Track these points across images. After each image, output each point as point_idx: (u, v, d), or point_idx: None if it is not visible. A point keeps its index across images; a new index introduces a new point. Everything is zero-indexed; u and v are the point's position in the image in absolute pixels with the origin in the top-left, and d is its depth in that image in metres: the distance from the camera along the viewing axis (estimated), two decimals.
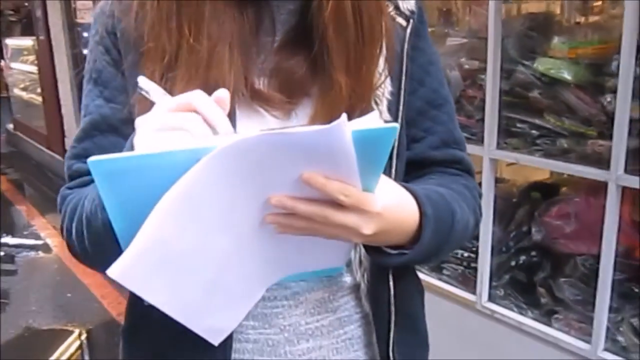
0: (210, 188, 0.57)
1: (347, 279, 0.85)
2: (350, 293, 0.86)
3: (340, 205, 0.62)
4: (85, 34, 5.61)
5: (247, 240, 0.65)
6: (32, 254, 4.34)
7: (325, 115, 0.75)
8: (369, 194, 0.63)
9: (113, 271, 0.57)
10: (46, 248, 4.44)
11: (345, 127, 0.54)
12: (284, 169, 0.58)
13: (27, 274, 4.03)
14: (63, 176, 0.85)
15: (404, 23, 0.82)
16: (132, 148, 0.65)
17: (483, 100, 2.20)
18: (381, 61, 0.79)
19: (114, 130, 0.80)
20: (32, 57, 6.81)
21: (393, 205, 0.68)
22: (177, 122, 0.61)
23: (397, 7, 0.82)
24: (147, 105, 0.66)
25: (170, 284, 0.64)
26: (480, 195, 0.89)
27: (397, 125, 0.60)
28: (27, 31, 7.65)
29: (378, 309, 0.85)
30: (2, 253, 4.33)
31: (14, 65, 7.52)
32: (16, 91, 7.58)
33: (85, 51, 5.56)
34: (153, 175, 0.56)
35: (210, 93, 0.65)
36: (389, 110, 0.81)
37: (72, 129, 5.79)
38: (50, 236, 4.62)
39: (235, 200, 0.60)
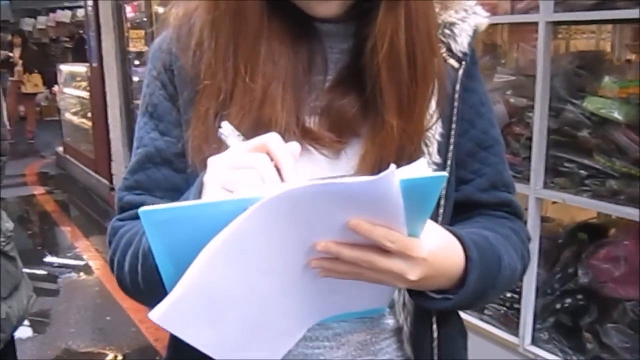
0: (255, 235, 0.59)
1: (390, 322, 0.84)
2: (392, 336, 0.84)
3: (386, 251, 0.62)
4: (136, 62, 5.76)
5: (290, 282, 0.66)
6: (74, 275, 4.42)
7: (375, 155, 0.75)
8: (414, 240, 0.63)
9: (154, 314, 0.58)
10: (88, 270, 4.52)
11: (394, 178, 0.55)
12: (330, 216, 0.59)
13: (68, 295, 4.10)
14: (106, 199, 0.87)
15: (456, 65, 0.82)
16: (201, 184, 0.67)
17: (529, 139, 2.17)
18: (432, 103, 0.79)
19: (168, 164, 0.82)
20: (84, 83, 7.02)
21: (439, 250, 0.68)
22: (249, 162, 0.63)
23: (449, 49, 0.82)
24: (202, 143, 0.70)
25: (211, 326, 0.64)
26: (529, 239, 0.88)
27: (445, 174, 0.61)
28: (80, 57, 7.91)
29: (420, 353, 0.83)
30: (46, 272, 4.42)
31: (66, 90, 7.76)
32: (67, 115, 7.82)
33: (135, 78, 5.72)
34: (201, 224, 0.58)
35: (262, 131, 0.66)
36: (439, 152, 0.80)
37: (119, 153, 5.93)
38: (93, 258, 4.70)
39: (279, 246, 0.61)
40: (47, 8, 11.80)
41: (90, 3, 6.18)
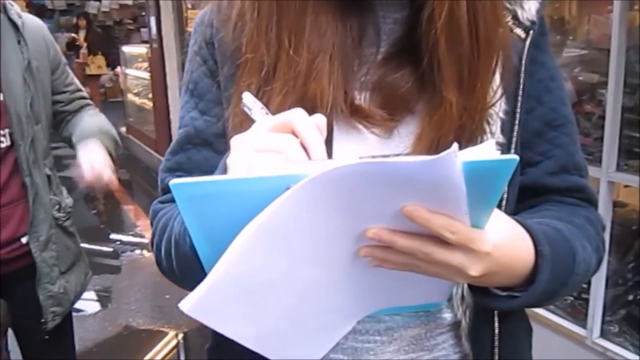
0: (298, 218, 0.54)
1: (447, 316, 0.78)
2: (449, 331, 0.79)
3: (445, 242, 0.56)
4: None
5: (338, 271, 0.62)
6: (136, 253, 4.52)
7: (432, 134, 0.70)
8: (478, 231, 0.57)
9: (185, 305, 0.53)
10: (149, 248, 4.60)
11: (456, 159, 0.49)
12: (382, 199, 0.54)
13: (130, 273, 4.20)
14: None
15: (522, 34, 0.75)
16: (225, 168, 0.63)
17: (602, 117, 2.07)
18: (496, 77, 0.72)
19: (207, 144, 0.79)
20: (145, 64, 7.14)
21: (505, 243, 0.61)
22: (273, 143, 0.58)
23: (515, 17, 0.75)
24: (243, 121, 0.64)
25: (249, 317, 0.60)
26: (603, 229, 0.80)
27: (516, 157, 0.53)
28: (142, 39, 8.04)
29: (479, 350, 0.78)
30: (110, 249, 4.54)
31: (128, 71, 7.92)
32: (130, 96, 7.99)
33: None
34: (238, 201, 0.53)
35: (307, 107, 0.62)
36: (502, 131, 0.74)
37: None
38: None
39: (325, 231, 0.57)
40: None
41: None
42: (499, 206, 0.71)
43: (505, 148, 0.74)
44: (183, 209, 0.56)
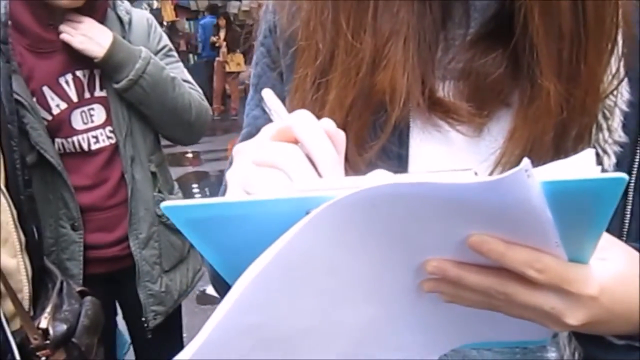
0: (327, 248, 0.43)
1: (552, 355, 0.63)
2: None
3: (528, 280, 0.44)
4: None
5: (399, 307, 0.52)
6: None
7: (527, 132, 0.56)
8: (577, 268, 0.44)
9: (183, 356, 0.40)
10: None
11: (529, 178, 0.38)
12: (438, 225, 0.43)
13: None
14: None
15: None
16: (226, 181, 0.55)
17: None
18: (613, 59, 0.57)
19: None
20: None
21: (619, 283, 0.46)
22: (272, 156, 0.49)
23: None
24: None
25: None
26: None
27: (624, 176, 0.39)
28: None
29: None
30: None
31: None
32: None
33: None
34: (243, 225, 0.46)
35: (374, 103, 0.56)
36: (624, 127, 0.58)
37: None
38: None
39: (369, 262, 0.46)
40: None
41: None
42: (620, 226, 0.57)
43: (628, 149, 0.58)
44: (184, 231, 0.48)
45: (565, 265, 0.44)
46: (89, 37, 1.48)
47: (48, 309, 1.29)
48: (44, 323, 1.25)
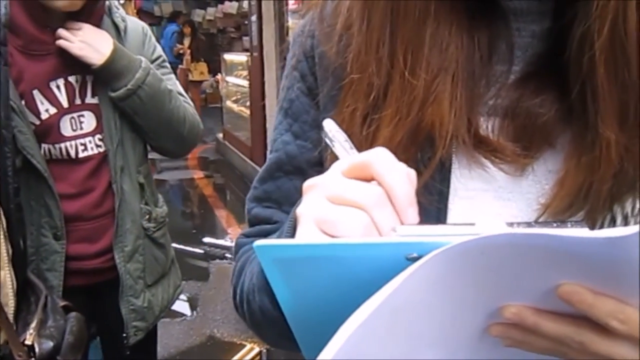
0: (425, 295, 0.43)
1: None
2: None
3: (607, 330, 0.44)
4: None
5: (462, 352, 0.51)
6: (225, 261, 4.50)
7: (581, 179, 0.56)
8: None
9: None
10: None
11: None
12: (531, 274, 0.44)
13: (218, 281, 4.17)
14: None
15: None
16: (294, 217, 0.53)
17: None
18: None
19: (300, 173, 0.68)
20: (245, 72, 7.22)
21: None
22: (352, 195, 0.47)
23: None
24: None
25: None
26: None
27: None
28: (245, 47, 8.16)
29: None
30: (201, 252, 4.55)
31: (228, 78, 8.05)
32: (228, 103, 8.11)
33: None
34: (335, 268, 0.45)
35: (421, 138, 0.56)
36: None
37: None
38: None
39: (453, 308, 0.46)
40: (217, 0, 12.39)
41: None
42: None
43: None
44: (268, 271, 0.48)
45: None
46: (88, 43, 1.43)
47: (33, 325, 1.23)
48: (29, 339, 1.20)
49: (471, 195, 0.61)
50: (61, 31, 1.43)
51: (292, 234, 0.54)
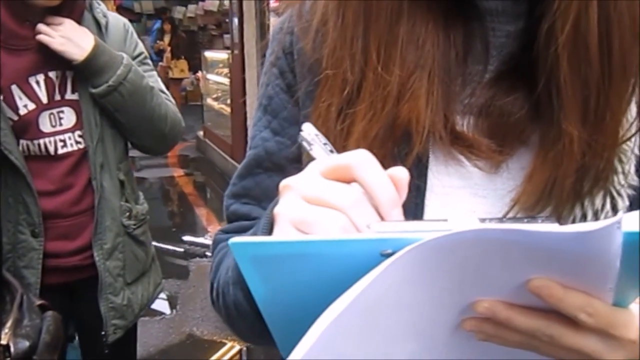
0: (399, 290, 0.43)
1: None
2: None
3: (577, 324, 0.46)
4: None
5: (437, 345, 0.52)
6: (205, 259, 4.48)
7: (547, 174, 0.58)
8: (621, 313, 0.46)
9: None
10: None
11: (619, 230, 0.40)
12: (502, 269, 0.45)
13: (197, 280, 4.15)
14: None
15: None
16: (271, 216, 0.53)
17: None
18: (632, 106, 0.59)
19: (279, 170, 0.68)
20: (225, 70, 7.19)
21: None
22: (329, 196, 0.47)
23: None
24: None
25: None
26: None
27: None
28: (225, 45, 8.13)
29: None
30: (181, 250, 4.52)
31: (209, 76, 8.01)
32: (209, 100, 8.07)
33: None
34: (312, 265, 0.45)
35: (398, 134, 0.56)
36: (638, 170, 0.60)
37: None
38: None
39: (426, 303, 0.47)
40: None
41: None
42: None
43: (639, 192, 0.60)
44: (243, 269, 0.47)
45: (612, 310, 0.45)
46: (69, 38, 1.42)
47: (8, 324, 1.21)
48: (4, 339, 1.18)
49: (447, 192, 0.62)
50: (41, 26, 1.42)
51: (268, 233, 0.54)
